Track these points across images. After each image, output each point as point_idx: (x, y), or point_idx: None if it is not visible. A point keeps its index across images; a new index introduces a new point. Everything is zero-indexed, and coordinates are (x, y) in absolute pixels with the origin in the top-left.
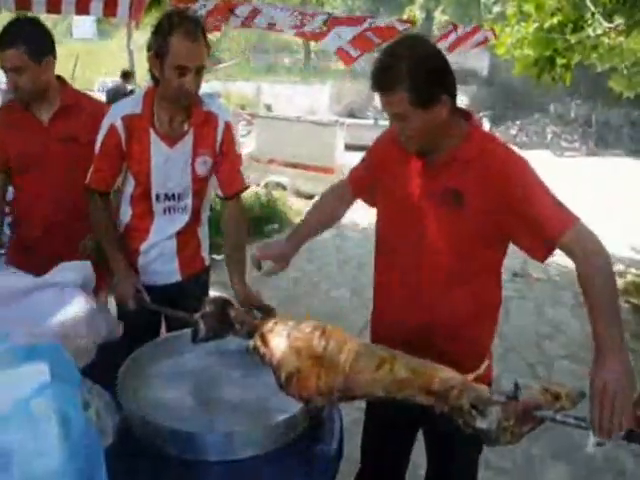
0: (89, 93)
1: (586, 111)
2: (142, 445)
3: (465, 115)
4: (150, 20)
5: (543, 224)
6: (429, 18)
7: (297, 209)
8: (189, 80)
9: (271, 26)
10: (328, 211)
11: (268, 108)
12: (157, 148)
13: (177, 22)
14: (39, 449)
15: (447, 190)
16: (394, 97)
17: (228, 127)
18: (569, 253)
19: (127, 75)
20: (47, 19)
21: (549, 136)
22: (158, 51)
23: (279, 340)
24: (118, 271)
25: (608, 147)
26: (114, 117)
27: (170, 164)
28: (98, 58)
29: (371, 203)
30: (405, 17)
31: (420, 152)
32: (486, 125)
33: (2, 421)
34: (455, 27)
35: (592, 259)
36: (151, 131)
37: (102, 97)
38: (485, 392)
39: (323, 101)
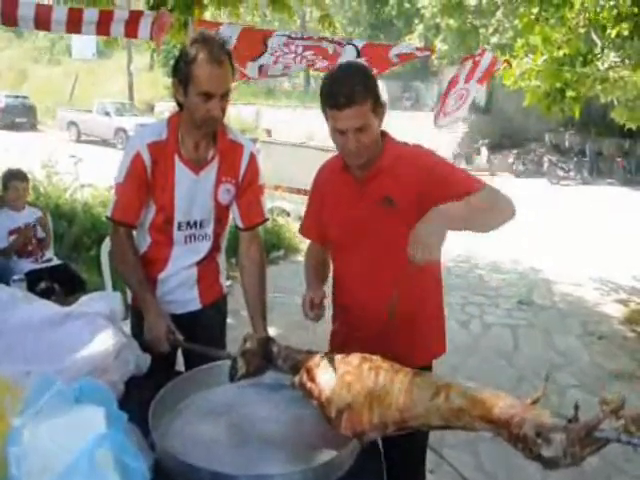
0: (88, 114)
1: (580, 141)
2: None
3: None
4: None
5: (458, 184)
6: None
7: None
8: (214, 105)
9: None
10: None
11: (268, 133)
12: (182, 175)
13: (201, 47)
14: None
15: (380, 198)
16: (362, 108)
17: (253, 158)
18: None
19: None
20: (45, 38)
21: (545, 165)
22: (182, 77)
23: (328, 375)
24: (150, 313)
25: (602, 176)
26: (139, 144)
27: (194, 192)
28: (97, 78)
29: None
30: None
31: (361, 165)
32: (484, 153)
33: (68, 470)
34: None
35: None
36: (176, 158)
37: (101, 118)
38: (546, 417)
39: (322, 127)
